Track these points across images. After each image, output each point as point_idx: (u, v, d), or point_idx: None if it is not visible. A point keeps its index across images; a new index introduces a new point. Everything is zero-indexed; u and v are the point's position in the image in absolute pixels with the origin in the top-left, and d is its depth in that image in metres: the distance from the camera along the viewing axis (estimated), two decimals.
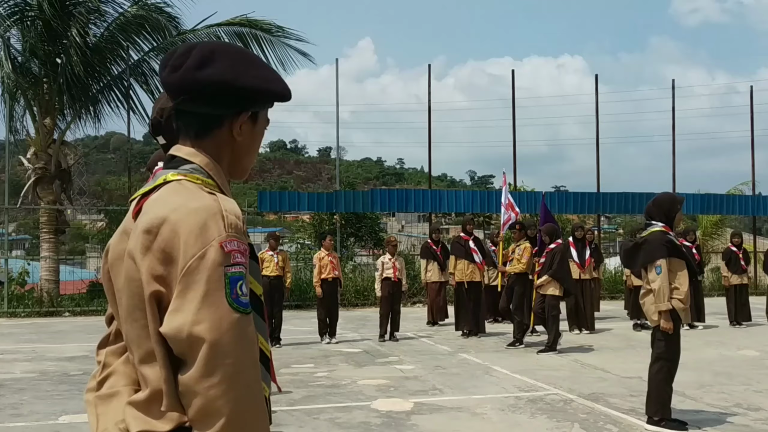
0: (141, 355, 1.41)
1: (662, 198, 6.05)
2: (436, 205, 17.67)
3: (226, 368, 1.30)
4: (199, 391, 1.31)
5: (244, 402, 1.32)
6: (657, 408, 5.71)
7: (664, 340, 5.73)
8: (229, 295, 1.33)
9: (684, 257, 5.85)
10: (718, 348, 10.18)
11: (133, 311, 1.41)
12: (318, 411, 6.42)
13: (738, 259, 12.93)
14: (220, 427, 1.30)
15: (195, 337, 1.30)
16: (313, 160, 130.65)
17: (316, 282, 10.91)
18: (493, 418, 6.15)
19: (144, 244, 1.37)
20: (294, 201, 17.27)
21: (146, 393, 1.41)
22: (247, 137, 1.57)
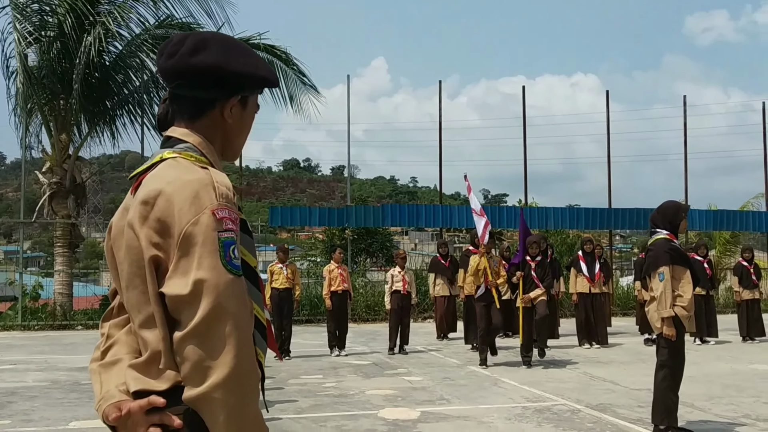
0: (141, 319, 1.51)
1: (666, 206, 6.07)
2: (447, 221, 17.70)
3: (223, 325, 1.39)
4: (195, 345, 1.39)
5: (238, 357, 1.40)
6: (663, 416, 5.69)
7: (667, 347, 5.73)
8: (223, 257, 1.43)
9: (688, 265, 5.86)
10: (730, 362, 10.11)
11: (133, 278, 1.51)
12: (324, 419, 6.45)
13: (749, 274, 12.85)
14: (214, 381, 1.38)
15: (193, 295, 1.39)
16: (326, 178, 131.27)
17: (325, 294, 10.98)
18: (499, 426, 6.15)
19: (142, 214, 1.48)
20: (305, 216, 17.38)
21: (146, 356, 1.50)
22: (237, 119, 1.69)
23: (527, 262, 10.03)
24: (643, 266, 6.07)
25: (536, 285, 9.88)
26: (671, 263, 5.74)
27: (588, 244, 12.44)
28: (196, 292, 1.39)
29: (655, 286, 5.76)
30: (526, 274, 9.91)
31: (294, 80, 17.32)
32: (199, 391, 1.39)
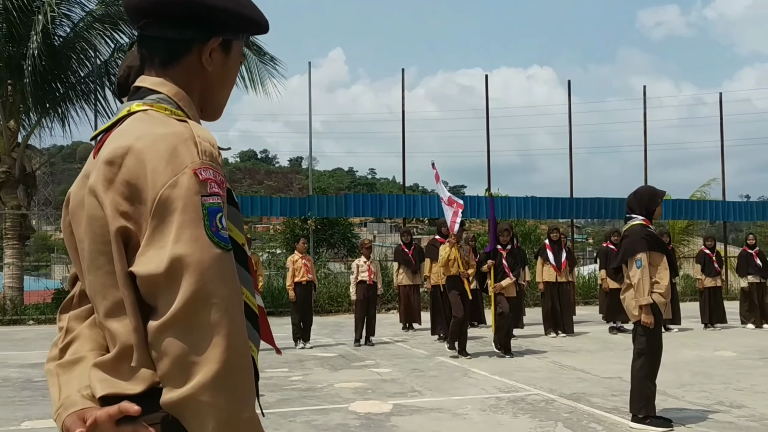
0: (107, 307, 1.23)
1: (643, 191, 5.96)
2: (410, 210, 17.52)
3: (209, 311, 1.12)
4: (175, 337, 1.12)
5: (228, 351, 1.13)
6: (641, 405, 5.59)
7: (645, 335, 5.61)
8: (208, 227, 1.16)
9: (665, 251, 5.76)
10: (695, 350, 10.15)
11: (97, 257, 1.23)
12: (293, 414, 6.20)
13: (711, 261, 12.99)
14: (200, 381, 1.11)
15: (171, 275, 1.12)
16: (284, 170, 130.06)
17: (289, 285, 10.68)
18: (474, 418, 5.98)
19: (106, 176, 1.19)
20: (266, 206, 17.00)
21: (114, 351, 1.22)
22: (218, 67, 1.40)
23: (498, 251, 9.90)
24: (619, 252, 5.95)
25: (507, 274, 9.75)
26: (648, 250, 5.64)
27: (554, 233, 12.40)
28: (174, 270, 1.12)
29: (632, 273, 5.65)
30: (498, 263, 9.78)
31: (255, 61, 16.88)
32: (181, 394, 1.12)
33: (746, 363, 8.86)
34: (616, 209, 18.88)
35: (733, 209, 20.77)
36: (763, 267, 12.97)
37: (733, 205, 20.84)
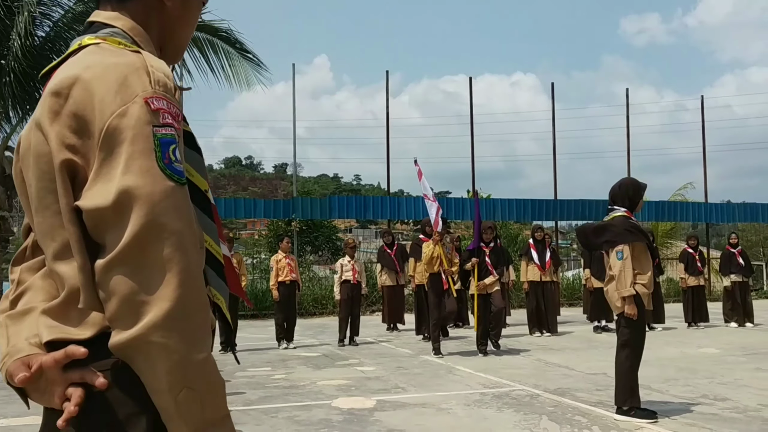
0: (55, 249, 1.15)
1: (627, 182, 5.94)
2: (395, 212, 17.47)
3: (160, 246, 1.05)
4: (123, 275, 1.04)
5: (182, 289, 1.05)
6: (626, 397, 5.56)
7: (628, 327, 5.58)
8: (160, 159, 1.08)
9: (647, 242, 5.74)
10: (679, 347, 10.17)
11: (44, 196, 1.15)
12: (276, 410, 6.11)
13: (695, 261, 13.04)
14: (150, 320, 1.04)
15: (119, 208, 1.05)
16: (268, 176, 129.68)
17: (273, 285, 10.58)
18: (459, 413, 5.92)
19: (52, 108, 1.12)
20: (250, 208, 16.87)
21: (62, 296, 1.14)
22: (178, 4, 1.32)
23: (481, 248, 9.85)
24: (598, 238, 5.88)
25: (490, 272, 9.68)
26: (631, 241, 5.61)
27: (539, 232, 12.40)
28: (122, 203, 1.05)
29: (614, 265, 5.61)
30: (481, 261, 9.72)
31: (238, 58, 16.73)
32: (130, 335, 1.04)
33: (730, 359, 8.87)
34: (600, 211, 18.92)
35: (716, 211, 20.92)
36: (745, 266, 13.04)
37: (715, 207, 21.00)
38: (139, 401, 1.09)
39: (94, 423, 1.09)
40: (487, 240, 9.95)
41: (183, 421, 1.07)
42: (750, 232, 35.63)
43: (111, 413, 1.09)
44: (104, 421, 1.09)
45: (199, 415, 1.08)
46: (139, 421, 1.09)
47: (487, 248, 9.88)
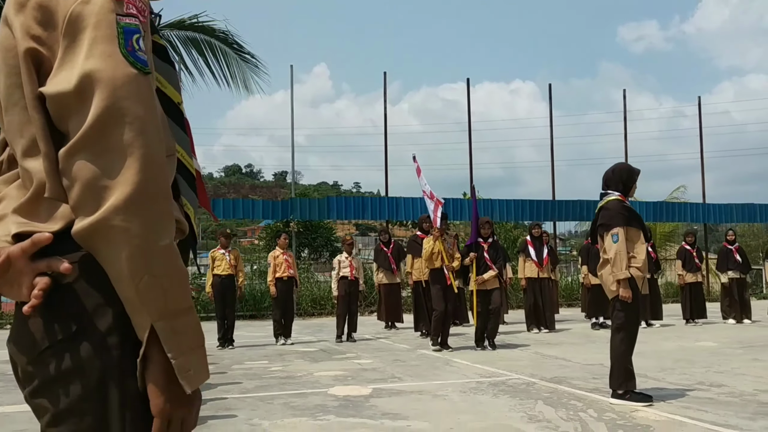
0: (24, 146, 1.15)
1: (621, 167, 5.96)
2: (393, 213, 17.48)
3: (121, 130, 1.06)
4: (86, 160, 1.05)
5: (144, 173, 1.06)
6: (621, 381, 5.56)
7: (623, 310, 5.58)
8: (123, 46, 1.09)
9: (641, 225, 5.75)
10: (677, 341, 10.17)
11: (13, 92, 1.15)
12: (272, 398, 6.11)
13: (692, 257, 13.05)
14: (112, 204, 1.04)
15: (81, 92, 1.05)
16: (268, 184, 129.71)
17: (270, 281, 10.59)
18: (455, 398, 5.92)
19: (18, 1, 1.13)
20: (248, 209, 16.89)
21: (30, 192, 1.15)
22: None
23: (480, 244, 9.83)
24: (594, 225, 5.91)
25: (489, 267, 9.64)
26: (625, 224, 5.63)
27: (536, 229, 12.42)
28: (84, 87, 1.05)
29: (609, 248, 5.62)
30: (479, 256, 9.69)
31: (236, 60, 16.76)
32: (93, 219, 1.05)
33: (727, 351, 8.87)
34: None
35: (713, 211, 20.94)
36: (743, 262, 13.05)
37: (713, 207, 21.01)
38: (105, 294, 1.10)
39: (60, 313, 1.10)
40: (485, 235, 9.93)
41: (146, 309, 1.08)
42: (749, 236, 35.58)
43: (77, 304, 1.10)
44: (70, 311, 1.10)
45: (161, 302, 1.08)
46: (105, 312, 1.10)
47: (485, 243, 9.85)
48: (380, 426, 4.84)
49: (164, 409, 1.11)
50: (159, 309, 1.08)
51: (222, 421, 5.14)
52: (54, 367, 1.10)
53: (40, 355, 1.11)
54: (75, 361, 1.09)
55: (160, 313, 1.08)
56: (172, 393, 1.11)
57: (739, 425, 4.65)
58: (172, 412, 1.12)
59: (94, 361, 1.09)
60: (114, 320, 1.10)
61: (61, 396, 1.09)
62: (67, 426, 1.10)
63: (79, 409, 1.09)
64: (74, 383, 1.09)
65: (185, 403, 1.14)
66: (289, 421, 5.06)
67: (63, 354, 1.09)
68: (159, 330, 1.08)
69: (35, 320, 1.11)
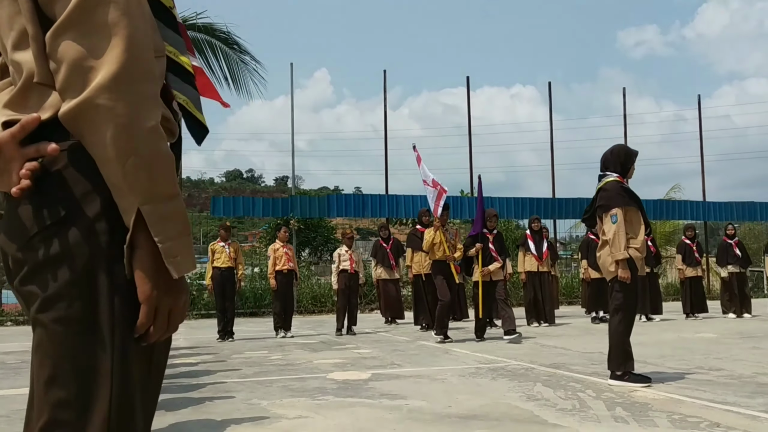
0: (14, 39, 1.17)
1: (619, 148, 5.97)
2: (393, 210, 17.50)
3: (107, 10, 1.08)
4: (71, 40, 1.07)
5: (129, 52, 1.08)
6: (620, 362, 5.55)
7: (622, 291, 5.57)
8: None
9: (640, 206, 5.75)
10: (677, 333, 10.17)
11: None
12: (270, 382, 6.12)
13: (692, 252, 13.05)
14: (98, 83, 1.06)
15: None
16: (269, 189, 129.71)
17: (270, 274, 10.60)
18: (453, 381, 5.93)
19: None
20: (248, 206, 16.91)
21: (20, 83, 1.16)
22: None
23: (485, 235, 9.70)
24: (593, 207, 5.90)
25: (494, 258, 9.50)
26: (624, 205, 5.63)
27: (536, 223, 12.43)
28: None
29: (608, 229, 5.63)
30: (484, 248, 9.55)
31: (236, 61, 16.79)
32: (78, 99, 1.06)
33: (727, 341, 8.87)
34: None
35: (713, 209, 20.93)
36: (742, 257, 13.04)
37: (713, 205, 21.01)
38: (94, 181, 1.12)
39: (49, 199, 1.12)
40: (491, 227, 9.81)
41: (132, 191, 1.09)
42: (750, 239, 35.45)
43: (66, 191, 1.12)
44: (59, 197, 1.12)
45: (147, 185, 1.09)
46: (93, 199, 1.12)
47: (490, 235, 9.73)
48: (378, 404, 4.84)
49: (151, 296, 1.12)
50: (145, 191, 1.09)
51: (220, 401, 5.15)
52: (43, 252, 1.11)
53: (30, 240, 1.12)
54: (63, 245, 1.11)
55: (147, 195, 1.10)
56: (159, 280, 1.13)
57: (738, 402, 4.65)
58: (159, 299, 1.13)
59: (82, 247, 1.11)
60: (102, 207, 1.12)
61: (50, 281, 1.11)
62: (57, 311, 1.11)
63: (68, 294, 1.11)
64: (63, 268, 1.10)
65: (172, 292, 1.15)
66: (288, 401, 5.06)
67: (52, 239, 1.11)
68: (146, 214, 1.10)
69: (25, 207, 1.13)
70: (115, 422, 1.10)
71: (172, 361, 7.90)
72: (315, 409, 4.73)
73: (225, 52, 17.03)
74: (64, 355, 1.10)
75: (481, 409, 4.59)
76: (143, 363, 1.17)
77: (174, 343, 9.22)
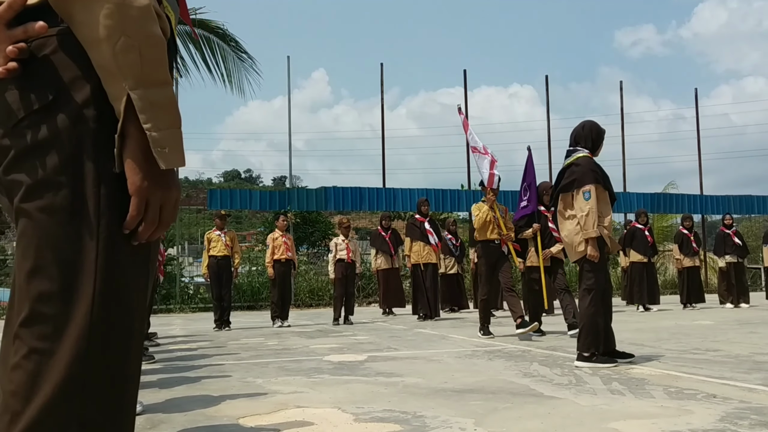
0: None
1: (591, 124, 5.80)
2: (391, 204, 17.46)
3: None
4: None
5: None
6: (589, 343, 5.37)
7: (592, 270, 5.44)
8: None
9: (608, 185, 5.65)
10: (674, 321, 10.16)
11: None
12: (266, 363, 6.10)
13: (690, 241, 13.04)
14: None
15: None
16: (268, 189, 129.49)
17: (268, 262, 10.58)
18: (449, 362, 5.91)
19: None
20: (245, 199, 16.87)
21: None
22: None
23: (542, 212, 8.29)
24: (563, 180, 5.65)
25: (556, 239, 7.92)
26: (596, 182, 5.53)
27: None
28: None
29: (580, 205, 5.45)
30: (544, 227, 8.21)
31: (233, 58, 16.75)
32: None
33: (724, 327, 8.86)
34: None
35: (711, 203, 20.92)
36: (741, 246, 13.04)
37: (710, 198, 20.99)
38: (83, 67, 1.10)
39: (37, 83, 1.10)
40: (547, 203, 8.22)
41: (122, 74, 1.07)
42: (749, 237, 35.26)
43: (55, 75, 1.10)
44: (48, 82, 1.10)
45: (138, 68, 1.08)
46: (82, 86, 1.10)
47: (548, 212, 8.20)
48: (374, 381, 4.83)
49: (141, 186, 1.10)
50: (135, 75, 1.07)
51: (216, 380, 5.13)
52: (30, 137, 1.09)
53: (16, 125, 1.10)
54: (51, 131, 1.08)
55: (137, 79, 1.08)
56: (150, 171, 1.11)
57: (734, 377, 4.63)
58: (150, 191, 1.11)
59: (70, 132, 1.08)
60: (92, 94, 1.10)
61: (37, 167, 1.08)
62: (42, 200, 1.09)
63: (55, 182, 1.08)
64: (50, 154, 1.08)
65: (163, 185, 1.13)
66: (283, 379, 5.04)
67: (39, 124, 1.09)
68: (136, 100, 1.07)
69: (12, 92, 1.10)
70: (98, 317, 1.08)
71: (168, 347, 7.89)
72: (310, 385, 4.71)
73: (222, 48, 17.00)
74: (47, 246, 1.08)
75: (477, 384, 4.58)
76: (135, 258, 1.15)
77: (170, 332, 9.20)
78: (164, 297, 16.35)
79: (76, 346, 1.07)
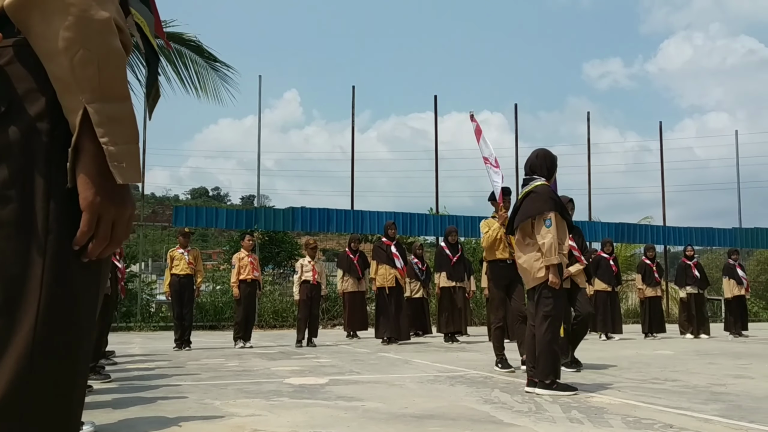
0: None
1: (545, 152, 5.90)
2: (359, 226, 17.42)
3: None
4: None
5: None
6: (548, 371, 5.43)
7: (552, 296, 5.49)
8: None
9: (566, 214, 5.74)
10: (635, 350, 10.25)
11: None
12: (226, 385, 6.00)
13: (652, 271, 13.22)
14: None
15: None
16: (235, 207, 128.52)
17: (233, 283, 10.45)
18: (411, 386, 5.87)
19: None
20: (211, 217, 16.68)
21: None
22: None
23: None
24: (521, 211, 5.70)
25: (577, 258, 7.29)
26: (555, 210, 5.59)
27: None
28: None
29: (542, 233, 5.51)
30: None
31: (206, 69, 16.64)
32: None
33: (683, 357, 8.97)
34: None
35: (674, 234, 21.27)
36: (701, 278, 13.25)
37: (673, 230, 21.36)
38: (39, 80, 1.07)
39: None
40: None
41: (79, 87, 1.05)
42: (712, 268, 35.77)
43: (9, 87, 1.07)
44: (1, 93, 1.07)
45: (95, 81, 1.05)
46: (37, 99, 1.07)
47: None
48: (335, 405, 4.77)
49: (93, 202, 1.07)
50: (93, 88, 1.05)
51: (172, 401, 5.02)
52: None
53: None
54: (1, 143, 1.05)
55: (95, 92, 1.05)
56: (103, 187, 1.08)
57: (692, 407, 4.68)
58: (102, 207, 1.08)
59: (21, 145, 1.06)
60: (46, 107, 1.07)
61: None
62: None
63: (3, 196, 1.05)
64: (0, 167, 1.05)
65: (117, 201, 1.10)
66: (242, 401, 4.96)
67: None
68: (93, 113, 1.05)
69: None
70: (42, 333, 1.04)
71: (125, 366, 7.72)
72: (269, 408, 4.64)
73: (195, 61, 16.88)
74: None
75: (438, 410, 4.55)
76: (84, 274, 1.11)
77: (128, 350, 9.00)
78: (124, 314, 16.05)
79: (19, 362, 1.03)
